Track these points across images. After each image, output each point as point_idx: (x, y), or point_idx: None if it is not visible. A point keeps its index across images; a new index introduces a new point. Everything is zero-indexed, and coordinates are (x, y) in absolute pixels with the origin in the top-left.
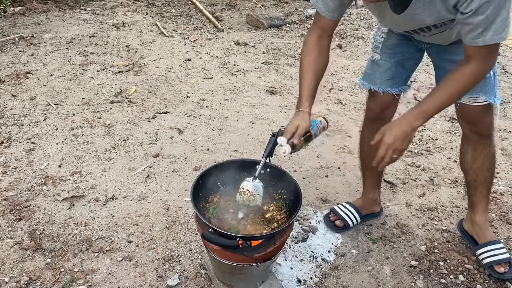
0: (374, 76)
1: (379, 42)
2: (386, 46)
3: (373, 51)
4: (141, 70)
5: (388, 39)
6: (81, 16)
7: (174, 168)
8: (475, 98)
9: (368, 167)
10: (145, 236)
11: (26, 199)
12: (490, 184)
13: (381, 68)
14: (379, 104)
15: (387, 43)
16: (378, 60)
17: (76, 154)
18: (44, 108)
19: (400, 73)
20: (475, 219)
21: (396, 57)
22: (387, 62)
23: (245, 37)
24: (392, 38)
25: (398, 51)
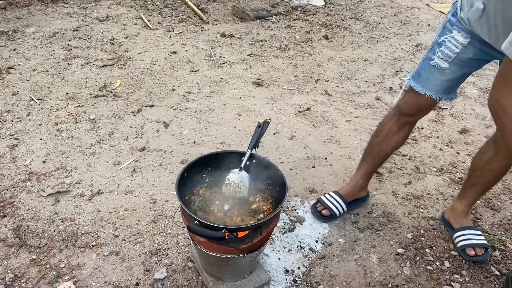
0: (431, 81)
1: (454, 53)
2: (460, 59)
3: (440, 58)
4: (125, 63)
5: (464, 52)
6: (64, 9)
7: (160, 161)
8: None
9: (373, 154)
10: (131, 230)
11: (10, 196)
12: (488, 188)
13: (444, 77)
14: (419, 105)
15: (462, 56)
16: (444, 69)
17: (60, 149)
18: (27, 104)
19: (459, 83)
20: (457, 207)
21: (464, 70)
22: (453, 73)
23: (231, 29)
24: (469, 52)
25: (470, 64)
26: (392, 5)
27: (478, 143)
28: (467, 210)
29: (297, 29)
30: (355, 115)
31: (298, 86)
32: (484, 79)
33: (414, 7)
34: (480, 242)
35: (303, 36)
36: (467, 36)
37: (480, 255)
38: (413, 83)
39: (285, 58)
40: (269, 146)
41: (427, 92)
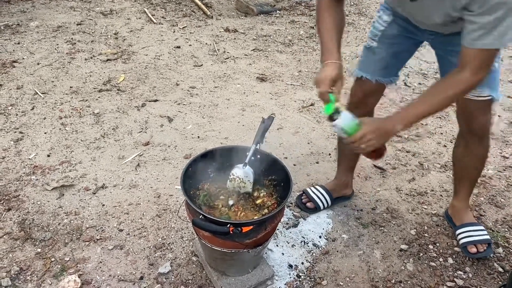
0: (367, 63)
1: (379, 30)
2: (385, 36)
3: (370, 39)
4: (129, 58)
5: (389, 28)
6: (68, 3)
7: (164, 156)
8: (479, 92)
9: (344, 152)
10: (136, 225)
11: (15, 189)
12: (474, 179)
13: (376, 56)
14: (364, 91)
15: (387, 32)
16: (374, 48)
17: (65, 143)
18: (32, 97)
19: (393, 64)
20: (455, 204)
21: (393, 48)
22: (383, 51)
23: (235, 23)
24: (393, 28)
25: (397, 41)
26: None
27: None
28: (465, 205)
29: (301, 24)
30: None
31: (302, 82)
32: None
33: None
34: (482, 238)
35: (307, 31)
36: (390, 13)
37: (482, 251)
38: (354, 69)
39: (289, 53)
40: (273, 142)
41: (363, 74)
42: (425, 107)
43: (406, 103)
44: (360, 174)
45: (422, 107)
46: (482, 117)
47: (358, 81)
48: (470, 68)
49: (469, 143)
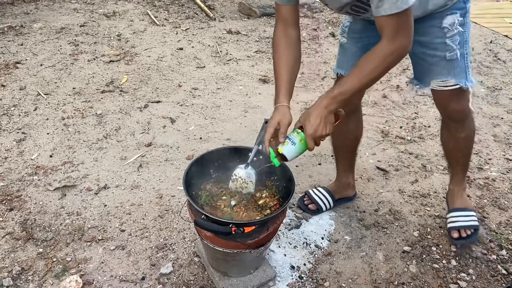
0: (342, 60)
1: (345, 26)
2: (352, 30)
3: (341, 35)
4: (132, 59)
5: (353, 23)
6: (71, 5)
7: (166, 157)
8: (444, 82)
9: (339, 152)
10: (138, 225)
11: (17, 189)
12: (464, 163)
13: (348, 52)
14: None
15: (353, 27)
16: (344, 43)
17: (67, 144)
18: (35, 98)
19: None
20: (451, 187)
21: (362, 41)
22: (353, 46)
23: (238, 25)
24: (357, 22)
25: (364, 35)
26: None
27: (485, 141)
28: (459, 189)
29: (303, 26)
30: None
31: (305, 83)
32: (491, 77)
33: None
34: (468, 224)
35: (310, 33)
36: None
37: (464, 236)
38: (334, 68)
39: None
40: None
41: (339, 71)
42: (354, 82)
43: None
44: (362, 175)
45: (351, 83)
46: (455, 105)
47: (338, 79)
48: (385, 36)
49: (450, 128)
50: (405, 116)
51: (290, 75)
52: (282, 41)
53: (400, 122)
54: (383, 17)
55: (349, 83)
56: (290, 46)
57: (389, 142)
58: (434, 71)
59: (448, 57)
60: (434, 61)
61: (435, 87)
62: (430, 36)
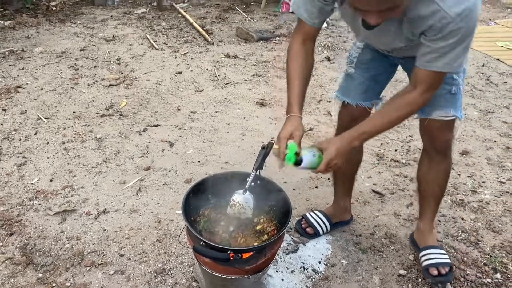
0: (348, 89)
1: (353, 57)
2: (361, 61)
3: (348, 65)
4: (132, 83)
5: (362, 54)
6: (71, 29)
7: (165, 181)
8: (445, 113)
9: (339, 176)
10: (137, 250)
11: (17, 214)
12: (439, 198)
13: (355, 81)
14: (351, 115)
15: (362, 58)
16: (352, 73)
17: (67, 168)
18: (35, 122)
19: (373, 87)
20: (421, 226)
21: (370, 72)
22: (360, 76)
23: (235, 49)
24: (367, 53)
25: (372, 66)
26: None
27: (479, 164)
28: (430, 227)
29: None
30: None
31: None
32: (484, 101)
33: None
34: (444, 261)
35: None
36: (362, 40)
37: (443, 274)
38: (336, 94)
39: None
40: (272, 166)
41: (345, 99)
42: (380, 125)
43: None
44: (358, 199)
45: (377, 126)
46: (445, 135)
47: (344, 107)
48: (420, 89)
49: (432, 160)
50: (399, 139)
51: (304, 86)
52: (299, 52)
53: (395, 145)
54: (428, 71)
55: (376, 126)
56: (307, 59)
57: (384, 165)
58: (439, 103)
59: (453, 91)
60: (440, 94)
61: (435, 118)
62: None
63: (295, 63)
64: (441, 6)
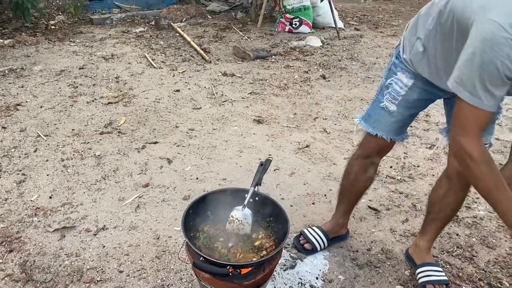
0: (382, 123)
1: (399, 95)
2: (406, 100)
3: (388, 101)
4: (130, 101)
5: (410, 93)
6: (71, 48)
7: (163, 197)
8: (484, 140)
9: (347, 195)
10: (136, 266)
11: (17, 231)
12: (447, 222)
13: (393, 118)
14: (379, 147)
15: (408, 97)
16: (393, 111)
17: (66, 185)
18: (35, 140)
19: (409, 123)
20: (420, 243)
21: (411, 111)
22: (401, 114)
23: (232, 68)
24: (414, 93)
25: (416, 105)
26: (387, 46)
27: None
28: (429, 245)
29: (295, 68)
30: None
31: (297, 124)
32: None
33: None
34: (441, 279)
35: (302, 75)
36: (411, 77)
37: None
38: (364, 124)
39: (284, 97)
40: (270, 183)
41: (378, 133)
42: None
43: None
44: (355, 215)
45: None
46: None
47: (373, 137)
48: None
49: (453, 186)
50: (394, 156)
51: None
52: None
53: (390, 162)
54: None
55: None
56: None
57: (380, 182)
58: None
59: (496, 118)
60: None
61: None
62: None
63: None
64: None
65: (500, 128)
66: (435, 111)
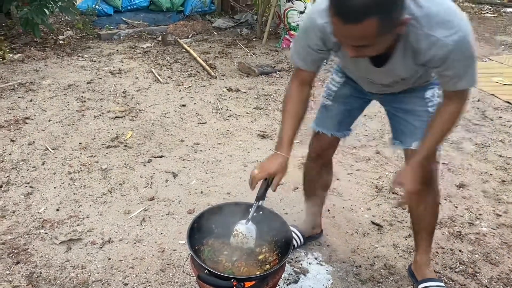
0: (322, 120)
1: (332, 91)
2: (338, 95)
3: (325, 98)
4: (137, 115)
5: (341, 89)
6: (79, 63)
7: (168, 211)
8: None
9: (311, 198)
10: (140, 279)
11: (24, 243)
12: (431, 229)
13: (331, 113)
14: (322, 145)
15: (340, 92)
16: (329, 106)
17: (73, 198)
18: (42, 153)
19: (346, 120)
20: (417, 259)
21: (346, 106)
22: (337, 108)
23: (237, 83)
24: (345, 89)
25: (349, 101)
26: None
27: (476, 197)
28: (427, 259)
29: None
30: (356, 168)
31: (301, 139)
32: (480, 135)
33: None
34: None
35: None
36: (342, 76)
37: None
38: (312, 125)
39: None
40: (274, 197)
41: (319, 129)
42: (434, 141)
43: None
44: (358, 230)
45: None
46: (428, 166)
47: (316, 136)
48: (455, 100)
49: (421, 192)
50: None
51: (297, 128)
52: (297, 95)
53: (393, 178)
54: (456, 91)
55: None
56: (302, 102)
57: (383, 197)
58: (417, 134)
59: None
60: (417, 125)
61: (415, 148)
62: (414, 105)
63: (291, 104)
64: (438, 37)
65: (503, 145)
66: None
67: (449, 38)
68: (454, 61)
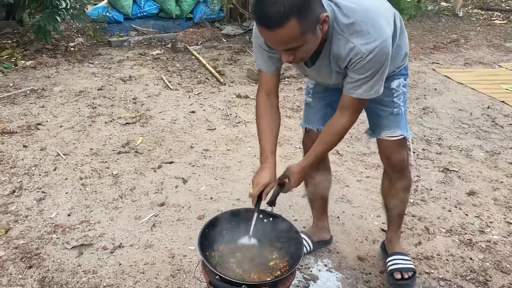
0: (308, 116)
1: (310, 88)
2: (316, 91)
3: (306, 96)
4: (147, 121)
5: (317, 85)
6: (90, 69)
7: (178, 217)
8: (392, 133)
9: (313, 201)
10: (151, 284)
11: (36, 247)
12: (402, 211)
13: (313, 109)
14: (312, 140)
15: (317, 88)
16: (310, 102)
17: (84, 203)
18: (54, 159)
19: (329, 113)
20: (388, 235)
21: (325, 100)
22: (318, 104)
23: (246, 90)
24: (320, 85)
25: (327, 95)
26: None
27: (486, 205)
28: (396, 236)
29: None
30: (366, 175)
31: None
32: (490, 142)
33: (420, 71)
34: (408, 266)
35: None
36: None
37: (406, 278)
38: (301, 123)
39: (297, 118)
40: (283, 204)
41: (307, 125)
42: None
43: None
44: (368, 237)
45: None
46: (398, 154)
47: (306, 133)
48: (347, 113)
49: (391, 178)
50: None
51: (275, 139)
52: (266, 108)
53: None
54: (351, 97)
55: (318, 151)
56: (273, 113)
57: None
58: (384, 123)
59: (395, 112)
60: (384, 115)
61: (384, 137)
62: (381, 95)
63: (264, 119)
64: (355, 44)
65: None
66: (447, 134)
67: (364, 47)
68: (361, 68)
